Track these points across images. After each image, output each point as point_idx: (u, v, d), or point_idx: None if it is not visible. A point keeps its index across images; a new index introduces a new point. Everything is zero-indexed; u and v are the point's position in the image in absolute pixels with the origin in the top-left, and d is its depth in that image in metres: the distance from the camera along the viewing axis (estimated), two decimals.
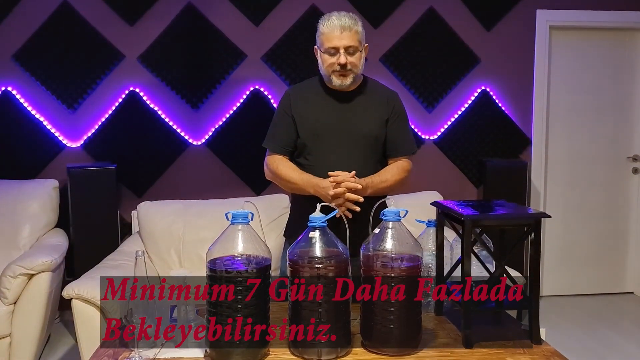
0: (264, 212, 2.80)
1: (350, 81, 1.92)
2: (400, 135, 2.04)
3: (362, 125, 1.96)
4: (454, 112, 3.75)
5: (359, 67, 1.93)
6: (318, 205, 1.44)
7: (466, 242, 1.42)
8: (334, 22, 1.90)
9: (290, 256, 1.38)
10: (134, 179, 3.49)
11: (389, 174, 1.99)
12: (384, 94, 2.05)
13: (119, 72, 3.43)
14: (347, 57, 1.89)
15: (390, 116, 2.01)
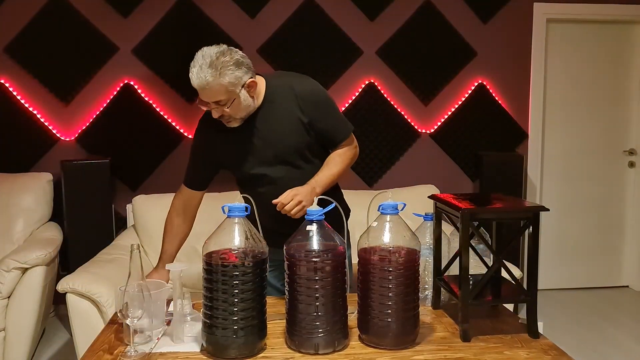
0: None
1: (239, 123, 1.79)
2: (329, 127, 1.87)
3: (281, 140, 1.83)
4: (451, 106, 3.74)
5: (240, 111, 1.76)
6: (315, 199, 1.43)
7: (463, 235, 1.42)
8: (193, 79, 1.71)
9: (287, 250, 1.37)
10: (129, 173, 3.47)
11: (333, 165, 1.88)
12: (292, 93, 1.82)
13: (113, 64, 3.41)
14: (217, 110, 1.73)
15: (310, 115, 1.83)
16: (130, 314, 1.34)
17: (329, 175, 1.86)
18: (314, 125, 1.83)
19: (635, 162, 4.03)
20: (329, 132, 1.87)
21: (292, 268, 1.35)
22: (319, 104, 1.84)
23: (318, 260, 1.33)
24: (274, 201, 1.71)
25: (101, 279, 2.22)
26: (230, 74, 1.70)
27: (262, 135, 1.82)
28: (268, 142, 1.82)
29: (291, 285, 1.35)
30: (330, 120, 1.87)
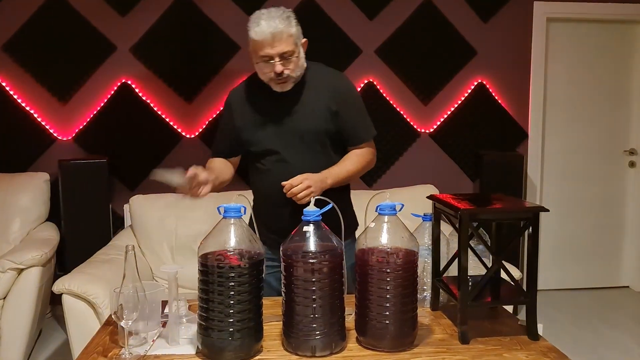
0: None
1: (291, 86, 1.82)
2: (354, 123, 1.92)
3: (309, 122, 1.85)
4: (451, 105, 3.72)
5: (298, 69, 1.80)
6: (312, 199, 1.41)
7: (462, 236, 1.40)
8: (263, 28, 1.73)
9: (284, 251, 1.35)
10: (127, 172, 3.46)
11: (349, 162, 1.91)
12: (329, 82, 1.90)
13: (111, 63, 3.39)
14: (283, 64, 1.76)
15: (338, 106, 1.87)
16: (125, 316, 1.33)
17: (343, 170, 1.88)
18: (341, 117, 1.88)
19: (636, 162, 4.02)
20: (353, 128, 1.91)
21: (289, 269, 1.34)
22: (350, 98, 1.91)
23: (315, 262, 1.32)
24: (284, 183, 1.74)
25: (97, 279, 2.21)
26: (295, 25, 1.80)
27: (289, 111, 1.85)
28: (293, 119, 1.85)
29: (288, 287, 1.34)
30: (357, 117, 1.93)
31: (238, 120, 1.90)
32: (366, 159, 1.95)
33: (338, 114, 1.88)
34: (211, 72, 3.47)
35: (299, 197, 1.74)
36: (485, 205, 1.46)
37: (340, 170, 1.88)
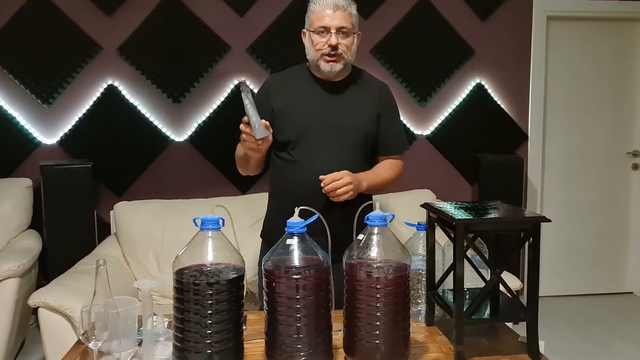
0: (247, 212, 2.69)
1: (340, 67, 1.81)
2: (393, 132, 1.94)
3: (352, 118, 1.85)
4: (448, 107, 3.65)
5: (350, 52, 1.81)
6: (296, 210, 1.33)
7: (458, 248, 1.32)
8: (327, 0, 1.78)
9: (265, 265, 1.27)
10: (113, 178, 3.37)
11: (383, 170, 1.91)
12: (376, 86, 1.94)
13: (97, 65, 3.31)
14: (338, 38, 1.77)
15: (382, 111, 1.91)
16: (94, 337, 1.24)
17: (378, 177, 1.87)
18: (382, 122, 1.90)
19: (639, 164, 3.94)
20: (391, 137, 1.93)
21: (271, 285, 1.25)
22: (393, 107, 1.95)
23: (299, 277, 1.23)
24: (322, 177, 1.73)
25: (76, 292, 2.12)
26: (355, 11, 1.84)
27: (334, 104, 1.85)
28: (337, 112, 1.84)
29: (270, 304, 1.25)
30: (395, 126, 1.96)
31: (277, 103, 1.86)
32: (398, 171, 1.96)
33: (381, 118, 1.89)
34: (200, 72, 3.39)
35: (339, 193, 1.72)
36: (482, 215, 1.38)
37: (376, 176, 1.87)
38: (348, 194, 1.73)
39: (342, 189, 1.72)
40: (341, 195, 1.72)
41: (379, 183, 1.88)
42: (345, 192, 1.72)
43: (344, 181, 1.72)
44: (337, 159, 1.81)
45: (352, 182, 1.73)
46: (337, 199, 1.73)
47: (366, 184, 1.81)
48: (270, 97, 1.87)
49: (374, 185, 1.86)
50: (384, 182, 1.90)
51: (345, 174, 1.73)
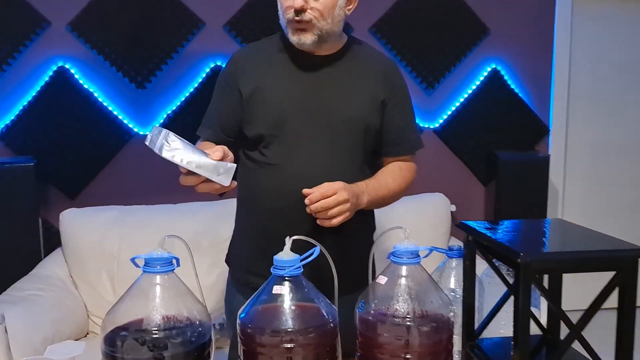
0: (224, 221, 2.30)
1: (311, 39, 1.42)
2: (402, 125, 1.56)
3: (346, 106, 1.46)
4: (459, 95, 3.33)
5: (326, 17, 1.41)
6: (288, 240, 0.95)
7: (523, 297, 0.94)
8: None
9: (242, 325, 0.89)
10: (65, 178, 2.99)
11: (389, 177, 1.51)
12: (380, 64, 1.56)
13: (43, 43, 2.92)
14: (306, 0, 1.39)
15: (388, 97, 1.51)
16: None
17: (382, 187, 1.47)
18: (388, 112, 1.52)
19: None
20: (400, 131, 1.54)
21: (252, 354, 0.87)
22: (402, 91, 1.58)
23: (294, 345, 0.86)
24: (307, 191, 1.32)
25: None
26: None
27: (322, 85, 1.47)
28: (327, 99, 1.46)
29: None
30: (406, 117, 1.57)
31: (245, 85, 1.47)
32: (410, 177, 1.57)
33: (386, 107, 1.50)
34: (169, 53, 3.03)
35: (331, 215, 1.31)
36: (554, 246, 1.01)
37: (379, 186, 1.46)
38: (343, 217, 1.33)
39: (336, 210, 1.31)
40: (334, 218, 1.32)
41: (385, 195, 1.49)
42: (339, 213, 1.32)
43: (337, 198, 1.31)
44: (326, 161, 1.44)
45: (348, 198, 1.33)
46: (328, 224, 1.33)
47: (368, 198, 1.42)
48: (237, 77, 1.49)
49: (377, 198, 1.47)
50: (391, 194, 1.51)
51: (340, 188, 1.32)
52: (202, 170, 1.17)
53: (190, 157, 1.17)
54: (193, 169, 1.17)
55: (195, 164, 1.17)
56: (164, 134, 1.20)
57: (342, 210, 1.31)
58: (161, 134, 1.20)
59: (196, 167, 1.16)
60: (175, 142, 1.18)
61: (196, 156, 1.18)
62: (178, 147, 1.17)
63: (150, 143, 1.19)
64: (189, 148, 1.19)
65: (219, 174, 1.18)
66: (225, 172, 1.18)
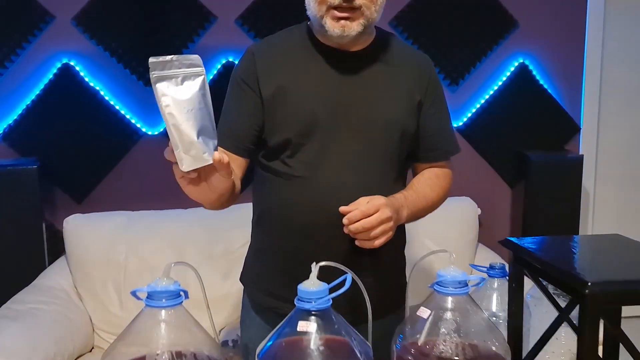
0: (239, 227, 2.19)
1: (357, 29, 1.28)
2: (439, 128, 1.43)
3: (383, 109, 1.33)
4: (484, 92, 3.21)
5: (376, 6, 1.28)
6: (314, 267, 0.82)
7: (590, 335, 0.82)
8: None
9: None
10: (71, 180, 2.92)
11: (427, 187, 1.39)
12: (414, 60, 1.43)
13: (47, 39, 2.84)
14: None
15: (424, 96, 1.39)
16: None
17: (422, 199, 1.35)
18: (424, 113, 1.38)
19: None
20: (436, 134, 1.41)
21: None
22: (438, 90, 1.44)
23: None
24: (344, 209, 1.18)
25: None
26: None
27: (357, 90, 1.33)
28: (359, 98, 1.32)
29: None
30: (442, 118, 1.43)
31: (266, 85, 1.33)
32: (447, 185, 1.45)
33: (422, 107, 1.37)
34: (178, 48, 2.93)
35: (374, 236, 1.18)
36: (624, 273, 0.88)
37: (418, 197, 1.34)
38: (386, 237, 1.20)
39: (379, 230, 1.18)
40: (377, 238, 1.19)
41: (424, 207, 1.37)
42: (382, 233, 1.19)
43: (380, 216, 1.18)
44: (359, 172, 1.32)
45: (391, 216, 1.20)
46: (369, 245, 1.20)
47: (407, 211, 1.30)
48: (256, 75, 1.35)
49: (416, 211, 1.35)
50: (430, 205, 1.40)
51: (382, 205, 1.19)
52: (174, 133, 0.94)
53: (178, 111, 0.95)
54: (168, 125, 0.95)
55: (175, 120, 0.94)
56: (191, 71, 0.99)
57: (385, 229, 1.18)
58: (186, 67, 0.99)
59: (173, 125, 0.94)
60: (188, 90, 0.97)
61: (186, 119, 0.95)
62: (182, 97, 0.96)
63: (158, 65, 0.98)
64: (196, 110, 0.97)
65: (187, 152, 0.95)
66: (194, 156, 0.96)
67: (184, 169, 0.97)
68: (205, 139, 0.98)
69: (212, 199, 1.22)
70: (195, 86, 1.00)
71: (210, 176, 1.06)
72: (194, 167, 0.98)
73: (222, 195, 1.20)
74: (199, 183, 1.06)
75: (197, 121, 0.97)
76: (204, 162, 0.98)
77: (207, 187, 1.07)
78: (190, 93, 0.98)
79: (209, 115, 1.02)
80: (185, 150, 0.96)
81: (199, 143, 0.96)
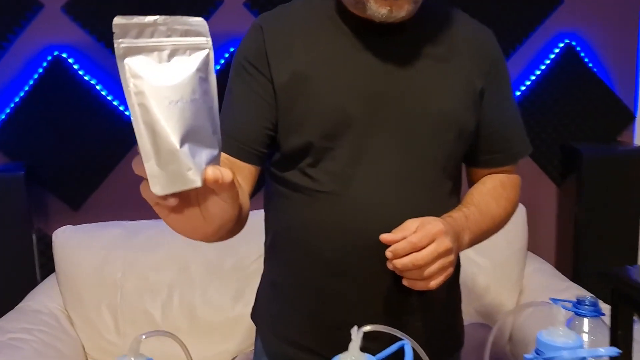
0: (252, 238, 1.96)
1: (409, 9, 1.02)
2: (506, 121, 1.17)
3: (436, 101, 1.07)
4: (525, 77, 2.99)
5: None
6: (356, 334, 0.58)
7: None
8: None
9: None
10: (67, 186, 2.75)
11: (494, 202, 1.13)
12: (474, 34, 1.16)
13: (35, 29, 2.67)
14: None
15: (486, 83, 1.12)
16: None
17: (488, 217, 1.09)
18: (486, 105, 1.13)
19: None
20: (500, 131, 1.14)
21: None
22: (502, 76, 1.18)
23: None
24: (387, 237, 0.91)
25: None
26: None
27: (400, 76, 1.06)
28: (405, 93, 1.06)
29: None
30: (508, 110, 1.16)
31: (281, 69, 1.07)
32: (516, 198, 1.19)
33: (484, 96, 1.09)
34: None
35: (427, 275, 0.92)
36: None
37: (482, 216, 1.07)
38: (444, 275, 0.94)
39: (436, 266, 0.91)
40: (433, 277, 0.92)
41: (489, 229, 1.11)
42: (441, 270, 0.93)
43: (436, 249, 0.91)
44: (407, 185, 1.06)
45: (451, 247, 0.94)
46: (421, 286, 0.94)
47: (470, 236, 1.04)
48: (266, 57, 1.09)
49: (480, 234, 1.09)
50: (496, 225, 1.14)
51: (440, 232, 0.93)
52: (145, 136, 0.66)
53: (155, 102, 0.66)
54: (137, 122, 0.66)
55: (149, 116, 0.66)
56: (187, 42, 0.70)
57: (444, 265, 0.92)
58: (178, 36, 0.70)
59: (144, 123, 0.66)
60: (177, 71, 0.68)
61: (168, 115, 0.66)
62: (165, 82, 0.67)
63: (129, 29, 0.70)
64: (186, 103, 0.67)
65: (162, 167, 0.66)
66: (173, 174, 0.67)
67: (156, 192, 0.67)
68: (194, 148, 0.68)
69: (207, 232, 0.81)
70: (190, 65, 0.69)
71: (206, 201, 0.73)
72: (171, 191, 0.68)
73: (222, 227, 0.82)
74: (186, 211, 0.74)
75: (184, 120, 0.67)
76: (187, 184, 0.68)
77: (199, 216, 0.74)
78: (181, 76, 0.68)
79: (209, 112, 0.71)
80: (161, 163, 0.66)
81: (182, 154, 0.66)
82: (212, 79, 0.72)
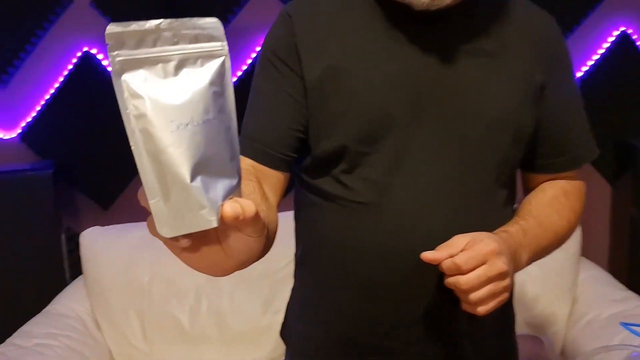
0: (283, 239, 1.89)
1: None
2: (569, 120, 1.06)
3: (489, 99, 0.96)
4: (577, 68, 2.85)
5: None
6: None
7: None
8: None
9: None
10: (97, 185, 2.75)
11: (554, 210, 1.02)
12: (531, 21, 1.05)
13: (64, 25, 2.66)
14: None
15: (546, 77, 1.01)
16: None
17: (550, 230, 0.99)
18: (544, 101, 1.01)
19: None
20: (562, 132, 1.04)
21: None
22: (565, 69, 1.07)
23: None
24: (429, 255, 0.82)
25: None
26: None
27: (448, 71, 0.96)
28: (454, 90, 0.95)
29: None
30: (571, 108, 1.06)
31: (313, 64, 0.97)
32: (580, 207, 1.08)
33: (545, 92, 1.00)
34: None
35: (477, 300, 0.81)
36: None
37: (541, 230, 0.97)
38: (497, 300, 0.84)
39: (486, 291, 0.81)
40: (484, 302, 0.82)
41: (550, 244, 1.00)
42: (492, 296, 0.82)
43: (488, 271, 0.81)
44: (455, 195, 0.96)
45: (507, 270, 0.83)
46: (471, 311, 0.84)
47: (528, 254, 0.93)
48: (296, 51, 0.98)
49: (540, 251, 0.98)
50: (558, 240, 1.03)
51: (492, 252, 0.82)
52: (149, 168, 0.57)
53: (160, 126, 0.56)
54: (138, 151, 0.56)
55: (153, 144, 0.56)
56: (198, 49, 0.60)
57: (496, 290, 0.81)
58: (187, 42, 0.59)
59: (147, 152, 0.56)
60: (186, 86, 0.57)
61: (176, 142, 0.56)
62: (171, 101, 0.57)
63: (126, 39, 0.60)
64: (197, 126, 0.57)
65: (168, 204, 0.56)
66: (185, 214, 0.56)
67: (164, 235, 0.57)
68: (209, 181, 0.58)
69: (228, 267, 0.68)
70: (202, 78, 0.59)
71: (227, 238, 0.62)
72: (181, 233, 0.57)
73: (246, 262, 0.70)
74: (203, 249, 0.62)
75: (196, 146, 0.57)
76: (201, 225, 0.57)
77: (220, 251, 0.63)
78: (191, 92, 0.58)
79: (226, 134, 0.60)
80: (168, 201, 0.57)
81: (194, 190, 0.56)
82: (229, 93, 0.61)
